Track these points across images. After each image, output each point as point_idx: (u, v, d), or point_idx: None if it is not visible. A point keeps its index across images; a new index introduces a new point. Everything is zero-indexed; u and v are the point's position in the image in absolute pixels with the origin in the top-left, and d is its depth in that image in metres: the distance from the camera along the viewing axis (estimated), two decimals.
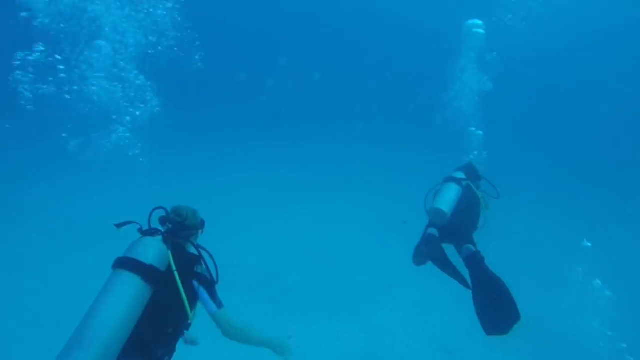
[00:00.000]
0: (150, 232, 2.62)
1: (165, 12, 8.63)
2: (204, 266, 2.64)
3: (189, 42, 10.24)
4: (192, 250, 2.75)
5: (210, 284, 2.59)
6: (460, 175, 4.45)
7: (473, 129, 5.86)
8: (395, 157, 15.10)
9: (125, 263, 2.37)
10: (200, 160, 14.34)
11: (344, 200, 11.70)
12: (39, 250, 8.44)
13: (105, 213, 6.33)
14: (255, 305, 6.16)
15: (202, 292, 2.56)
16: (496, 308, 3.61)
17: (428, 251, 4.03)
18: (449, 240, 4.18)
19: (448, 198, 4.19)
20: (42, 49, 7.46)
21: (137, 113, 8.96)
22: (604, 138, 17.09)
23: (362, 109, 18.33)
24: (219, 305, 2.60)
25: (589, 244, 7.96)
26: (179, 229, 2.70)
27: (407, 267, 4.53)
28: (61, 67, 8.06)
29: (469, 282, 3.81)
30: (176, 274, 2.45)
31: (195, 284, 2.56)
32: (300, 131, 16.73)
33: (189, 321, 2.54)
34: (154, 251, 2.45)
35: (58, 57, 7.85)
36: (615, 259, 8.18)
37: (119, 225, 2.63)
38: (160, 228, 2.70)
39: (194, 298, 2.55)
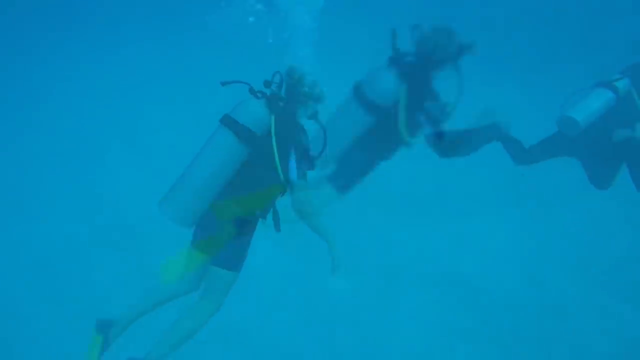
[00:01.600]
0: (257, 93, 2.54)
1: None
2: (306, 137, 2.56)
3: None
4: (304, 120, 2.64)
5: (303, 154, 2.50)
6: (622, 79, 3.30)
7: None
8: None
9: (225, 120, 2.44)
10: None
11: None
12: None
13: None
14: None
15: (292, 158, 2.46)
16: None
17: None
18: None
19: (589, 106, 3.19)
20: None
21: None
22: None
23: None
24: (301, 176, 2.48)
25: None
26: (287, 93, 2.56)
27: None
28: None
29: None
30: (274, 138, 2.39)
31: (292, 150, 2.46)
32: None
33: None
34: (250, 113, 2.44)
35: None
36: None
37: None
38: (272, 90, 2.56)
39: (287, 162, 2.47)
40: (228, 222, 2.44)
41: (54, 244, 4.56)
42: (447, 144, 2.66)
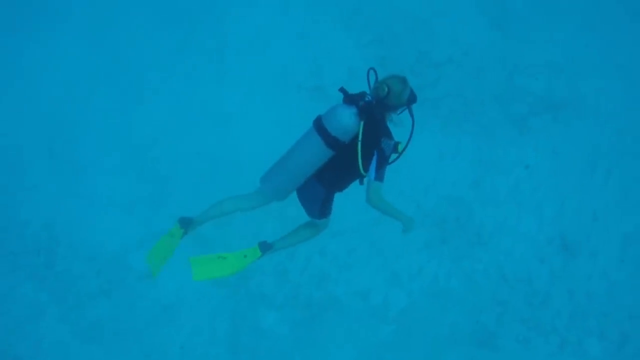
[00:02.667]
0: (350, 99, 2.83)
1: None
2: (389, 141, 2.82)
3: None
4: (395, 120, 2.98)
5: (383, 159, 2.82)
6: None
7: None
8: None
9: (317, 125, 2.84)
10: None
11: None
12: None
13: None
14: None
15: (374, 161, 2.81)
16: None
17: None
18: None
19: None
20: None
21: None
22: None
23: None
24: (379, 177, 2.83)
25: None
26: (377, 104, 2.80)
27: None
28: None
29: None
30: (359, 144, 2.74)
31: (375, 152, 2.81)
32: None
33: (363, 177, 2.94)
34: (341, 125, 2.76)
35: None
36: None
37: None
38: (365, 95, 2.87)
39: (370, 163, 2.85)
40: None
41: None
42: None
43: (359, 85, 3.04)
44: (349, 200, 3.29)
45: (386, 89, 2.72)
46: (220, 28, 5.74)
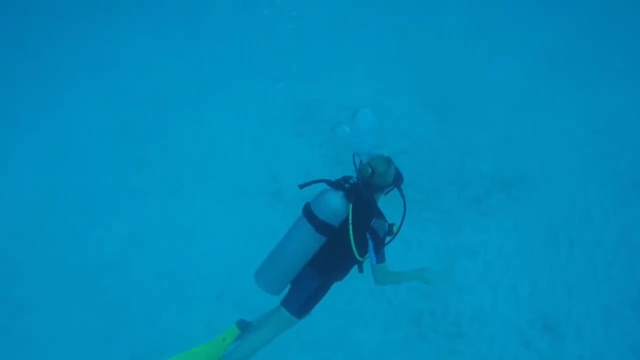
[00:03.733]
0: (336, 184, 2.84)
1: None
2: (382, 222, 2.76)
3: None
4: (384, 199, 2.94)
5: (379, 242, 2.76)
6: None
7: None
8: None
9: (306, 212, 2.81)
10: None
11: None
12: None
13: None
14: None
15: (370, 245, 2.76)
16: None
17: None
18: None
19: None
20: None
21: None
22: None
23: None
24: (381, 260, 2.78)
25: None
26: (364, 185, 2.80)
27: None
28: None
29: None
30: (350, 227, 2.70)
31: (368, 236, 2.75)
32: None
33: (360, 262, 2.86)
34: (330, 209, 2.76)
35: None
36: None
37: (303, 186, 2.90)
38: (350, 178, 2.89)
39: (365, 247, 2.80)
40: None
41: None
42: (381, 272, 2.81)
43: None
44: (318, 306, 3.08)
45: (370, 170, 2.76)
46: (175, 146, 5.85)
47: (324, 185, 2.90)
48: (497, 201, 5.37)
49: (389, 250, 2.90)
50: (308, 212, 2.80)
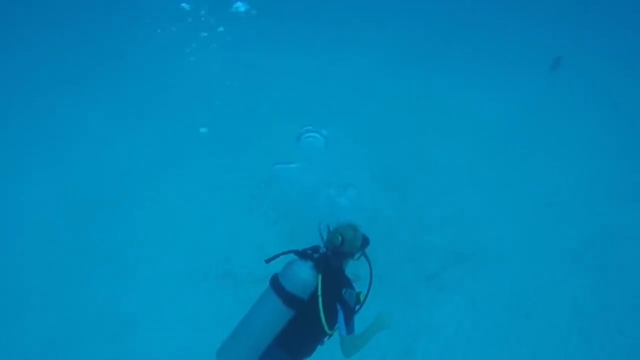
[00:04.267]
0: (304, 254, 2.73)
1: None
2: (351, 291, 2.70)
3: None
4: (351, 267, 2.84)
5: (350, 311, 2.67)
6: None
7: None
8: None
9: (274, 284, 2.65)
10: None
11: None
12: None
13: None
14: None
15: (340, 315, 2.66)
16: None
17: None
18: None
19: None
20: None
21: None
22: None
23: None
24: (350, 330, 2.68)
25: None
26: (333, 254, 2.74)
27: None
28: None
29: None
30: (320, 299, 2.58)
31: (338, 306, 2.65)
32: None
33: (329, 335, 2.70)
34: (298, 280, 2.62)
35: None
36: None
37: (270, 260, 2.76)
38: (318, 248, 2.79)
39: (334, 319, 2.66)
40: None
41: None
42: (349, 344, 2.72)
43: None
44: None
45: (340, 238, 2.74)
46: (121, 224, 5.61)
47: (291, 256, 2.79)
48: (453, 275, 5.34)
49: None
50: (276, 285, 2.66)
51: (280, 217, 5.82)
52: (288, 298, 2.62)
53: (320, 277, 2.64)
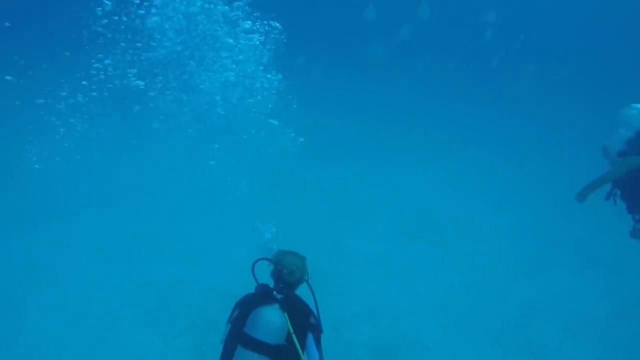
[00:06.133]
0: (267, 298, 2.55)
1: None
2: (315, 314, 2.61)
3: None
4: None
5: (319, 333, 2.57)
6: None
7: None
8: None
9: (253, 345, 2.43)
10: None
11: None
12: None
13: None
14: None
15: (311, 340, 2.53)
16: None
17: None
18: None
19: None
20: None
21: None
22: None
23: None
24: (320, 356, 2.54)
25: None
26: (286, 286, 2.66)
27: None
28: None
29: None
30: (294, 337, 2.45)
31: (309, 334, 2.54)
32: None
33: None
34: (277, 328, 2.46)
35: None
36: None
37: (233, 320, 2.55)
38: (270, 286, 2.65)
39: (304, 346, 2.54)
40: None
41: None
42: None
43: None
44: None
45: (296, 269, 2.68)
46: None
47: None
48: None
49: None
50: (252, 343, 2.42)
51: (186, 330, 5.16)
52: (276, 352, 2.42)
53: (286, 315, 2.49)
